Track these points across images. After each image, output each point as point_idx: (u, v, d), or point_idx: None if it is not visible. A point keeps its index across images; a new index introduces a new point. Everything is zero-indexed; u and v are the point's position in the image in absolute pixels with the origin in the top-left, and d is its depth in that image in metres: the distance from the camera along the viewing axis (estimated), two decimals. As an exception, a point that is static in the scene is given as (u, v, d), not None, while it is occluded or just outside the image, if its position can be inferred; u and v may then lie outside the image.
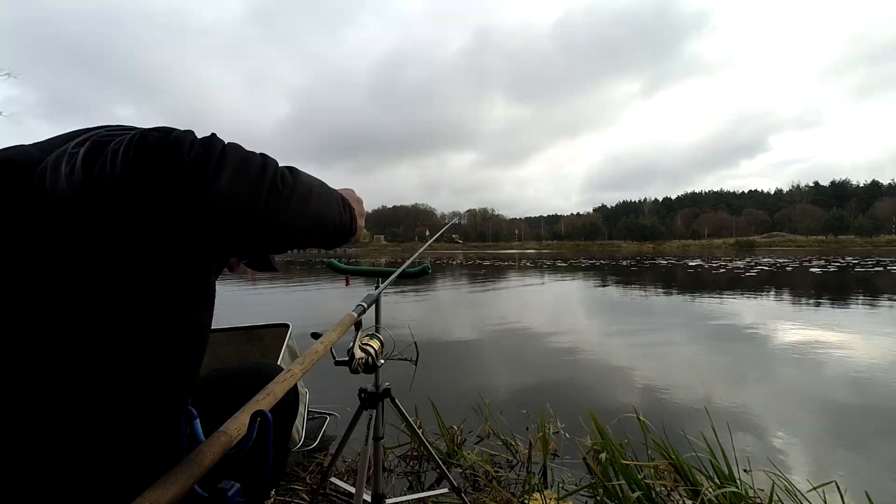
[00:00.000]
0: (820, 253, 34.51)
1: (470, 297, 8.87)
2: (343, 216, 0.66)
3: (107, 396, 0.53)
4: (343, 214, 0.66)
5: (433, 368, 3.39)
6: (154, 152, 0.44)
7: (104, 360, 0.52)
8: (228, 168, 0.46)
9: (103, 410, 0.53)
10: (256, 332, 1.98)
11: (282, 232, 0.54)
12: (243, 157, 0.49)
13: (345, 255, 46.08)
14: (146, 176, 0.43)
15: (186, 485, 0.40)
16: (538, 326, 5.27)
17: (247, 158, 0.50)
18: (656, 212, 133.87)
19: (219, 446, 0.44)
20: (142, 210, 0.45)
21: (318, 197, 0.59)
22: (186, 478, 0.41)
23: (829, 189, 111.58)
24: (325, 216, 0.61)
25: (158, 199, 0.44)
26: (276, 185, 0.51)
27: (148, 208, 0.44)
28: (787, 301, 7.30)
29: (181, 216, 0.45)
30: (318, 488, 1.50)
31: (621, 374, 3.30)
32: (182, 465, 0.41)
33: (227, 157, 0.47)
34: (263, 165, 0.51)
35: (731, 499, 1.38)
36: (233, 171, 0.47)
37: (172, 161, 0.43)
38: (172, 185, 0.44)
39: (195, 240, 0.48)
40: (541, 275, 14.32)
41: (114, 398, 0.54)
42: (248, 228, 0.49)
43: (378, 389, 1.15)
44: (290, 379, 0.56)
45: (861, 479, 1.77)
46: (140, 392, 0.57)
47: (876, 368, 3.32)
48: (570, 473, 1.77)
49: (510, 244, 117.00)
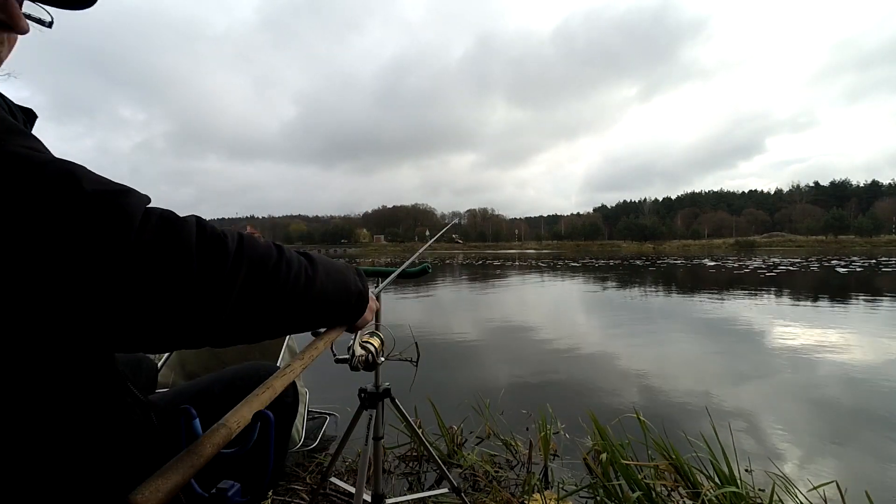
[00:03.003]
0: (822, 253, 34.45)
1: (471, 296, 8.87)
2: (357, 286, 0.65)
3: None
4: (357, 284, 0.66)
5: (433, 368, 3.39)
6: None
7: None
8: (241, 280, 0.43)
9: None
10: (256, 332, 1.98)
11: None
12: (259, 258, 0.46)
13: (345, 256, 46.08)
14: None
15: (186, 475, 0.40)
16: (580, 333, 5.26)
17: (262, 260, 0.46)
18: (656, 212, 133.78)
19: (219, 438, 0.44)
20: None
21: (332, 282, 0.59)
22: (186, 468, 0.41)
23: (829, 189, 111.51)
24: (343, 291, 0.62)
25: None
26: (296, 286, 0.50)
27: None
28: (858, 303, 6.81)
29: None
30: (318, 488, 1.50)
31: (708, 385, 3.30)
32: (182, 456, 0.41)
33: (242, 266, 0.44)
34: (277, 266, 0.48)
35: (731, 499, 1.37)
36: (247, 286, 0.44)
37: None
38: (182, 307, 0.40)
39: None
40: (558, 276, 14.18)
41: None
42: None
43: (378, 389, 1.15)
44: (289, 374, 0.56)
45: (862, 479, 1.77)
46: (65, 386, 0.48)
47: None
48: (570, 474, 1.77)
49: (510, 244, 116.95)
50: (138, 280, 0.37)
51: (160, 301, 0.38)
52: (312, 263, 0.54)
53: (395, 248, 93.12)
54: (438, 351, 4.05)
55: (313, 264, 0.55)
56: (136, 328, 0.39)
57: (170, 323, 0.40)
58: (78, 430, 0.50)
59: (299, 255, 0.54)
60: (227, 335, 0.46)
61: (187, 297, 0.39)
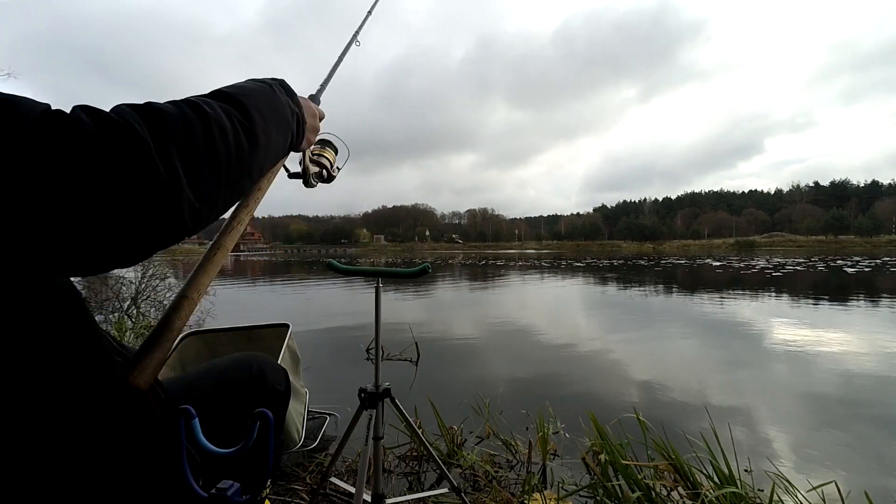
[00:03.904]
0: (823, 253, 34.43)
1: (471, 296, 8.87)
2: (292, 136, 0.60)
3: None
4: (293, 134, 0.60)
5: (433, 368, 3.40)
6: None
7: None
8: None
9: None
10: (257, 331, 1.98)
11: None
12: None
13: (345, 256, 46.09)
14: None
15: (165, 349, 0.48)
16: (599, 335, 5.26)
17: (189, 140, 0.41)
18: (656, 212, 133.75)
19: (185, 311, 0.53)
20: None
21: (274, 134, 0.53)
22: (163, 343, 0.49)
23: (829, 189, 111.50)
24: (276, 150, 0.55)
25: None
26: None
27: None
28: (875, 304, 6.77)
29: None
30: (318, 488, 1.50)
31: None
32: (155, 334, 0.46)
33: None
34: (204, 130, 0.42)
35: (731, 499, 1.37)
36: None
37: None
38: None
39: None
40: (567, 276, 13.97)
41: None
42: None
43: (378, 389, 1.15)
44: (237, 228, 0.64)
45: (862, 478, 1.77)
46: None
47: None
48: (569, 473, 1.77)
49: (510, 244, 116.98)
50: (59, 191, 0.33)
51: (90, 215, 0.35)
52: (244, 112, 0.48)
53: (395, 248, 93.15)
54: (438, 351, 4.04)
55: (245, 113, 0.48)
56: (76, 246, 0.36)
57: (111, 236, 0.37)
58: (76, 400, 0.48)
59: (221, 106, 0.46)
60: (186, 225, 0.42)
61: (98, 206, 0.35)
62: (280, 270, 18.96)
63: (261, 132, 0.49)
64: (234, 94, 0.49)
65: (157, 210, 0.38)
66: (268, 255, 44.82)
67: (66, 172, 0.33)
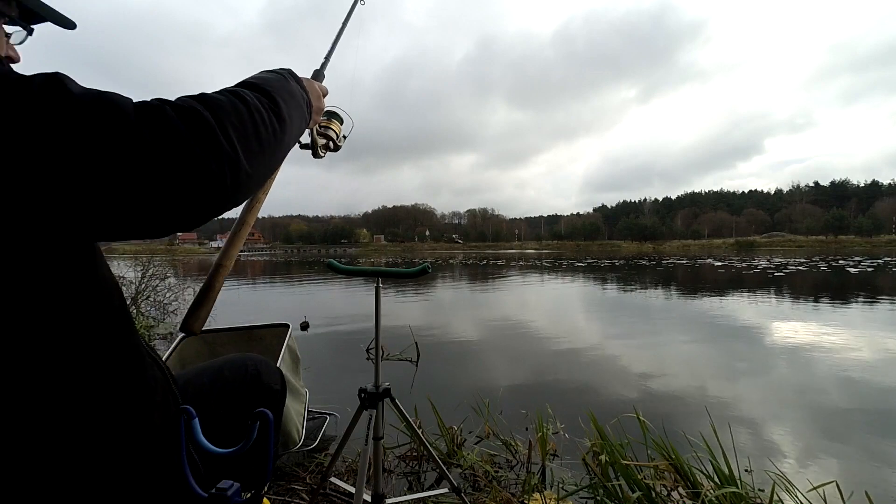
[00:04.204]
0: (823, 253, 34.42)
1: (471, 296, 8.87)
2: (304, 126, 0.68)
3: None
4: (305, 123, 0.68)
5: (433, 368, 3.39)
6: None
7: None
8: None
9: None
10: (257, 331, 1.98)
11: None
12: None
13: (345, 256, 46.09)
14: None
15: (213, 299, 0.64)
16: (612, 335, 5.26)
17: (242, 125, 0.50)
18: (656, 212, 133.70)
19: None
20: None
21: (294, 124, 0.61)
22: (211, 295, 0.62)
23: (829, 189, 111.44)
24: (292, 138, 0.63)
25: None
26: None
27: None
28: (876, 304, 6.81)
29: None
30: (318, 488, 1.50)
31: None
32: (203, 289, 0.55)
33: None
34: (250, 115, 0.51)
35: (731, 499, 1.37)
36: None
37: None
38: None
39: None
40: (568, 276, 13.99)
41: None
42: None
43: (378, 389, 1.15)
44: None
45: (863, 478, 1.77)
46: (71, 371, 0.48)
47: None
48: (569, 474, 1.77)
49: (510, 244, 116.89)
50: (146, 164, 0.41)
51: (171, 180, 0.42)
52: (271, 98, 0.56)
53: (395, 248, 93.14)
54: (438, 351, 4.04)
55: (272, 99, 0.56)
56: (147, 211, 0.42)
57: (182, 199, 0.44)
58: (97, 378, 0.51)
59: (254, 94, 0.54)
60: (234, 194, 0.49)
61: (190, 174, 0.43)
62: (280, 270, 18.96)
63: (286, 115, 0.57)
64: (260, 83, 0.57)
65: (222, 177, 0.45)
66: (268, 255, 44.92)
67: (157, 150, 0.41)
